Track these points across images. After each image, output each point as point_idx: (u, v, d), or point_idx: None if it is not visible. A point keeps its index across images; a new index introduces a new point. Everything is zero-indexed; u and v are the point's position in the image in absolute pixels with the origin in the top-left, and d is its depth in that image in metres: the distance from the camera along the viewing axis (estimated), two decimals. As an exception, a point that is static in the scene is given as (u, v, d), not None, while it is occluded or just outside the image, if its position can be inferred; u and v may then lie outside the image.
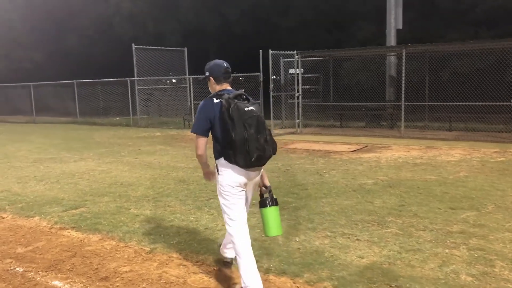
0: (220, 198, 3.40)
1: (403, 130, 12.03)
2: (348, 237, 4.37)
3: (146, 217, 5.22)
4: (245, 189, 3.35)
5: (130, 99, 17.81)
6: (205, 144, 3.28)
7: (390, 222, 4.81)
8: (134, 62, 17.24)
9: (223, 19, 29.61)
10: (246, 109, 3.09)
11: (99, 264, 3.89)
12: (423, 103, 13.35)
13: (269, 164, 8.26)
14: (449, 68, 14.44)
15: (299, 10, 29.32)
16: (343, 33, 28.33)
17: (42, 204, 5.92)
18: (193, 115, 16.19)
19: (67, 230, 4.82)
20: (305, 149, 10.32)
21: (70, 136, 14.64)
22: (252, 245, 4.10)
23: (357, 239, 4.31)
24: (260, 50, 14.11)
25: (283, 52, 13.52)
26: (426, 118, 13.80)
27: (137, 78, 17.40)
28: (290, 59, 14.77)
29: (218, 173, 3.33)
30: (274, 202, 3.44)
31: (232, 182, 3.26)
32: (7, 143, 13.16)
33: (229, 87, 3.38)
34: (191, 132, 3.31)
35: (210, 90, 3.44)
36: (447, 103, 12.08)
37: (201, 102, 3.32)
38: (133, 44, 17.36)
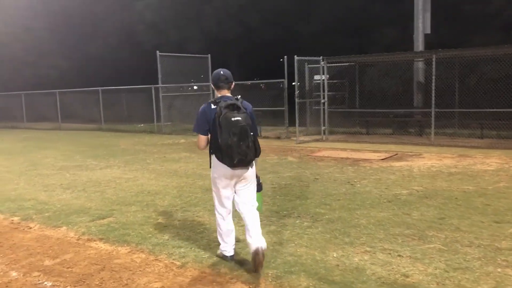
0: (212, 187, 4.10)
1: (433, 138, 11.67)
2: (389, 253, 4.12)
3: (175, 228, 5.07)
4: (232, 183, 3.95)
5: (154, 106, 17.82)
6: (205, 140, 3.95)
7: (432, 236, 4.54)
8: (159, 69, 17.25)
9: (245, 27, 29.61)
10: (233, 119, 3.62)
11: (128, 279, 3.74)
12: (453, 110, 12.93)
13: (297, 173, 8.09)
14: (478, 74, 14.00)
15: (321, 16, 29.11)
16: (366, 39, 28.03)
17: (69, 214, 5.83)
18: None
19: (95, 242, 4.70)
20: (333, 157, 10.07)
21: (96, 143, 14.69)
22: (288, 261, 3.92)
23: (399, 255, 4.06)
24: (285, 56, 13.94)
25: (308, 58, 13.31)
26: (456, 125, 13.38)
27: (161, 85, 17.40)
28: (315, 65, 14.55)
29: (210, 167, 4.02)
30: (258, 189, 4.19)
31: (220, 175, 3.92)
32: (34, 150, 13.25)
33: (227, 94, 3.92)
34: (193, 131, 3.99)
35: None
36: (478, 110, 11.68)
37: (201, 106, 3.91)
38: (157, 51, 17.39)
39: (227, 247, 4.09)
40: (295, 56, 12.78)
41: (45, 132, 20.12)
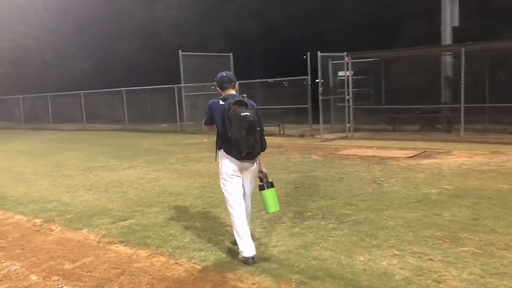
0: (220, 181, 4.21)
1: (462, 134, 11.27)
2: (419, 257, 3.90)
3: (196, 230, 4.95)
4: (241, 176, 4.10)
5: (177, 105, 17.83)
6: (208, 128, 4.32)
7: (465, 238, 4.30)
8: (181, 69, 17.24)
9: (268, 24, 29.39)
10: (242, 114, 3.83)
11: (148, 284, 3.63)
12: (484, 105, 12.47)
13: (322, 172, 7.89)
14: (509, 67, 13.46)
15: (344, 11, 28.65)
16: (390, 33, 27.44)
17: (91, 215, 5.78)
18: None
19: (115, 245, 4.62)
20: (359, 155, 9.81)
21: (119, 144, 14.77)
22: (312, 265, 3.76)
23: (430, 259, 3.84)
24: (308, 53, 13.71)
25: (332, 54, 13.05)
26: (487, 120, 12.91)
27: (183, 84, 17.39)
28: (338, 61, 14.28)
29: (219, 161, 4.13)
30: (270, 185, 4.17)
31: (228, 169, 4.05)
32: (58, 151, 13.38)
33: (232, 92, 4.14)
34: (203, 123, 4.29)
35: None
36: (510, 105, 11.22)
37: (210, 102, 4.17)
38: (179, 51, 17.38)
39: (245, 246, 3.96)
40: (318, 52, 12.54)
41: (70, 133, 20.39)
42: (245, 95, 4.03)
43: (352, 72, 13.30)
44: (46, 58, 30.19)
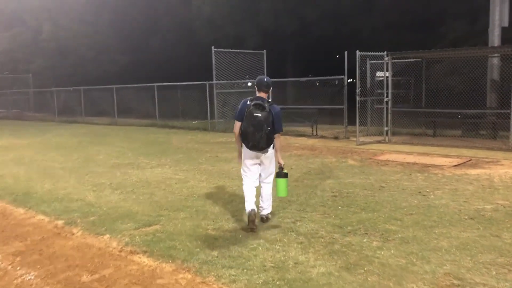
0: (242, 165, 5.18)
1: (511, 142, 10.50)
2: (482, 289, 3.37)
3: (225, 241, 4.54)
4: (257, 161, 5.07)
5: (208, 102, 17.52)
6: (238, 126, 4.95)
7: (533, 268, 3.73)
8: (213, 66, 16.91)
9: (302, 21, 28.80)
10: (254, 114, 4.74)
11: (171, 306, 3.24)
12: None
13: (360, 179, 7.37)
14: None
15: (382, 9, 27.77)
16: (430, 33, 26.41)
17: (115, 219, 5.46)
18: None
19: (138, 255, 4.25)
20: (398, 161, 9.22)
21: (149, 140, 14.55)
22: None
23: (496, 293, 3.31)
24: (346, 51, 13.14)
25: (371, 53, 12.42)
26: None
27: (215, 81, 17.06)
28: (377, 61, 13.64)
29: (242, 148, 5.09)
30: (283, 176, 5.04)
31: (245, 156, 5.08)
32: (89, 146, 13.26)
33: (262, 95, 4.96)
34: (234, 118, 5.03)
35: None
36: None
37: (242, 100, 5.01)
38: (212, 47, 17.06)
39: (248, 205, 5.00)
40: (357, 51, 11.94)
41: (101, 127, 20.40)
42: (270, 100, 4.98)
43: (391, 72, 12.65)
44: (83, 51, 30.49)
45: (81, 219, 5.51)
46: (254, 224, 4.88)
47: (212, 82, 17.18)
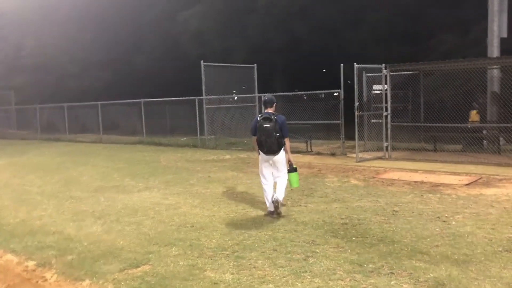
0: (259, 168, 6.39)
1: (520, 157, 9.97)
2: None
3: (227, 287, 3.83)
4: (270, 163, 6.21)
5: (197, 118, 16.82)
6: (255, 139, 6.20)
7: None
8: (203, 80, 16.26)
9: (291, 35, 28.43)
10: (263, 125, 6.01)
11: None
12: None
13: (369, 202, 6.71)
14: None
15: (371, 23, 27.51)
16: (420, 46, 26.19)
17: (97, 258, 4.70)
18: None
19: (123, 308, 3.52)
20: (405, 180, 8.59)
21: (136, 159, 13.77)
22: None
23: None
24: (342, 64, 12.60)
25: (370, 66, 11.88)
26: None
27: (205, 97, 16.39)
28: (373, 74, 13.12)
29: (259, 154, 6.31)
30: (293, 170, 6.32)
31: (261, 159, 6.28)
32: (71, 166, 12.44)
33: (269, 110, 6.22)
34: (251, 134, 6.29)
35: None
36: None
37: (255, 118, 6.34)
38: (201, 61, 16.43)
39: (269, 205, 6.24)
40: (355, 63, 11.39)
41: (85, 145, 19.53)
42: (275, 113, 6.21)
43: (390, 86, 12.09)
44: (66, 67, 29.71)
45: (57, 258, 4.74)
46: (279, 209, 6.14)
47: (201, 97, 16.51)
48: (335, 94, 15.35)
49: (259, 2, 27.78)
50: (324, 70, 35.05)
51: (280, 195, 6.15)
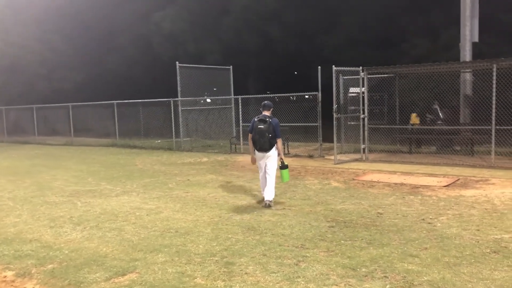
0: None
1: (493, 159, 10.19)
2: None
3: (220, 295, 3.72)
4: (264, 159, 6.97)
5: (173, 120, 16.57)
6: (250, 136, 6.99)
7: None
8: (178, 82, 16.04)
9: (265, 37, 28.43)
10: (258, 126, 6.82)
11: None
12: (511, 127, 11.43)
13: (353, 204, 6.71)
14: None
15: (344, 27, 27.80)
16: (393, 50, 26.63)
17: (80, 266, 4.51)
18: (241, 138, 14.77)
19: (113, 320, 3.36)
20: (384, 182, 8.66)
21: (110, 162, 13.45)
22: None
23: None
24: (319, 67, 12.65)
25: (348, 68, 11.94)
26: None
27: (180, 98, 16.17)
28: (350, 77, 13.21)
29: (253, 152, 7.09)
30: (285, 167, 7.02)
31: (257, 157, 7.06)
32: (43, 170, 12.04)
33: (266, 113, 7.03)
34: (248, 131, 7.09)
35: None
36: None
37: (252, 119, 7.03)
38: (177, 62, 16.21)
39: (264, 194, 6.99)
40: (333, 66, 11.44)
41: (56, 148, 18.99)
42: (270, 115, 7.03)
43: (367, 88, 12.20)
44: (35, 68, 28.83)
45: (37, 267, 4.52)
46: (270, 207, 6.88)
47: (176, 99, 16.28)
48: (306, 96, 15.46)
49: (233, 4, 27.67)
50: (295, 72, 35.31)
51: (270, 196, 6.92)
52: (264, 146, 6.81)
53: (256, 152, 6.97)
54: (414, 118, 13.45)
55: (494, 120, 10.11)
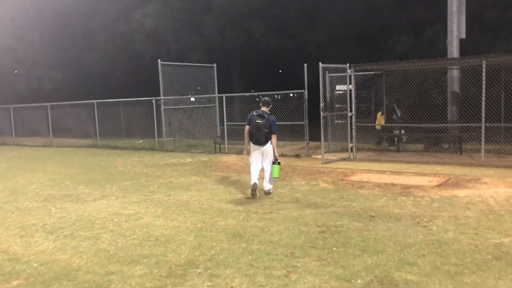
0: (250, 156, 7.64)
1: (483, 157, 10.00)
2: None
3: (204, 313, 3.36)
4: (259, 152, 7.50)
5: (155, 120, 16.11)
6: (247, 129, 7.49)
7: None
8: (160, 80, 15.57)
9: (248, 35, 28.05)
10: (256, 121, 7.31)
11: None
12: (509, 125, 11.28)
13: (343, 207, 6.40)
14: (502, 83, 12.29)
15: (327, 24, 27.59)
16: (377, 47, 26.50)
17: (48, 281, 4.11)
18: (226, 138, 14.38)
19: None
20: (374, 182, 8.38)
21: (89, 164, 12.95)
22: None
23: None
24: (305, 64, 12.35)
25: (334, 65, 11.64)
26: (502, 141, 11.72)
27: (163, 97, 15.72)
28: (336, 74, 12.94)
29: (249, 145, 7.59)
30: (277, 163, 7.48)
31: (252, 149, 7.55)
32: (18, 173, 11.51)
33: (264, 109, 7.52)
34: (246, 124, 7.59)
35: None
36: None
37: (250, 113, 7.55)
38: (159, 60, 15.75)
39: (253, 179, 7.44)
40: (320, 63, 11.13)
41: (34, 150, 18.37)
42: (268, 111, 7.51)
43: (355, 86, 11.93)
44: (11, 67, 28.02)
45: (1, 284, 4.10)
46: (255, 192, 7.37)
47: (159, 98, 15.83)
48: (291, 95, 15.18)
49: (215, 1, 27.23)
50: (280, 71, 35.01)
51: (269, 186, 7.62)
52: (260, 139, 7.32)
53: (252, 144, 7.45)
54: (380, 118, 13.26)
55: (484, 118, 9.93)
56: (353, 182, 8.57)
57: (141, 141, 17.78)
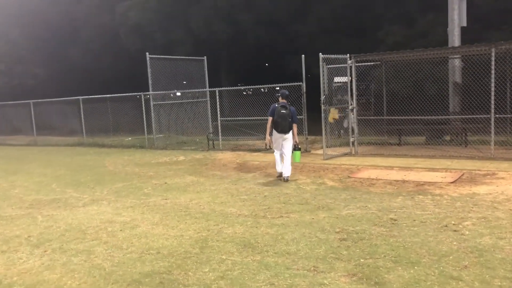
0: (273, 143, 8.49)
1: (493, 150, 9.55)
2: None
3: None
4: (281, 140, 8.25)
5: (144, 116, 15.41)
6: (271, 119, 8.24)
7: None
8: (149, 74, 14.86)
9: (236, 27, 27.36)
10: (281, 111, 8.04)
11: None
12: (507, 116, 10.86)
13: (358, 208, 5.86)
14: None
15: (317, 16, 27.00)
16: (369, 38, 26.01)
17: (36, 311, 3.50)
18: (220, 134, 13.73)
19: None
20: (385, 179, 7.87)
21: (77, 164, 12.25)
22: None
23: None
24: (303, 55, 11.79)
25: (334, 56, 11.06)
26: (509, 131, 11.30)
27: (152, 92, 15.02)
28: (334, 66, 12.38)
29: (271, 134, 8.38)
30: (298, 149, 8.45)
31: (275, 137, 8.32)
32: (0, 175, 10.78)
33: (283, 101, 8.28)
34: (268, 115, 8.36)
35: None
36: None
37: (272, 104, 8.38)
38: (147, 53, 15.03)
39: (279, 169, 8.52)
40: (320, 54, 10.56)
41: (18, 149, 17.55)
42: (288, 103, 8.29)
43: (350, 78, 11.36)
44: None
45: (-21, 316, 3.49)
46: (282, 178, 8.25)
47: (147, 93, 15.13)
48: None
49: (203, -8, 26.51)
50: (266, 64, 34.36)
51: (287, 172, 8.22)
52: (285, 128, 8.09)
53: (276, 133, 8.20)
54: (334, 113, 12.44)
55: (494, 109, 9.47)
56: (362, 179, 8.05)
57: (130, 138, 17.08)
